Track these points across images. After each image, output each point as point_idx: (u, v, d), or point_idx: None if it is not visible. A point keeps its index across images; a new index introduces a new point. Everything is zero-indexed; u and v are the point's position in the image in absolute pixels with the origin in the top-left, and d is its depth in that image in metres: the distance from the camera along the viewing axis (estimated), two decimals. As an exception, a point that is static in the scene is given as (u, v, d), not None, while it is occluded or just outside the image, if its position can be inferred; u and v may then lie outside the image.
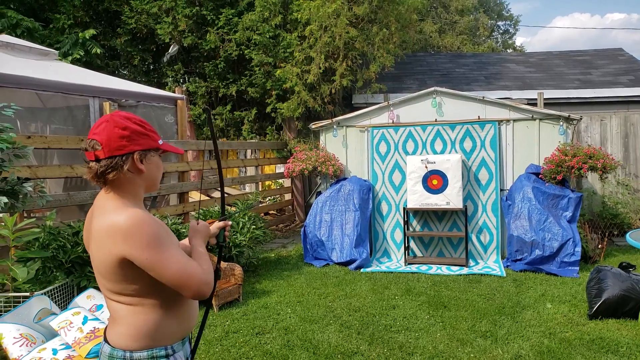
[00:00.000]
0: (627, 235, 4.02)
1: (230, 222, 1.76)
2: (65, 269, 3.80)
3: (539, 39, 43.24)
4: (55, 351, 2.84)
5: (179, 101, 6.45)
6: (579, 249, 5.14)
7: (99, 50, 9.18)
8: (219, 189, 2.04)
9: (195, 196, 7.47)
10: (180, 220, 5.23)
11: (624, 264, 4.06)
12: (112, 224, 1.32)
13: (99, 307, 3.53)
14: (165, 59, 9.91)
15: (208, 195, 8.33)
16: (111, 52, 10.54)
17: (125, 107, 5.62)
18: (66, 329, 3.06)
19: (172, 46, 9.45)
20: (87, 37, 9.02)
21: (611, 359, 3.17)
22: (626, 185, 7.47)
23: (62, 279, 3.78)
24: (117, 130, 1.37)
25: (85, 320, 3.15)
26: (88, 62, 9.09)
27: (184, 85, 9.49)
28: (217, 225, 1.70)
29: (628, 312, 3.77)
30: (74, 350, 2.92)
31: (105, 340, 1.45)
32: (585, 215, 6.65)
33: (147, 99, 6.04)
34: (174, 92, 7.36)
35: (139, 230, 1.30)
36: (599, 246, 5.87)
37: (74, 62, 8.71)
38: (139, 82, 9.50)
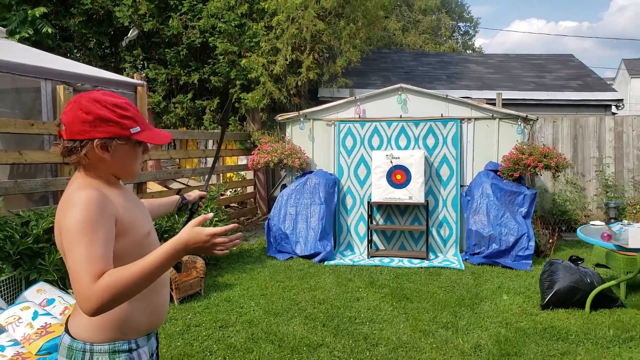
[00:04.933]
0: (578, 230, 4.25)
1: (206, 194, 1.95)
2: (12, 261, 3.55)
3: (497, 41, 45.02)
4: (2, 348, 2.66)
5: (139, 87, 6.17)
6: (532, 243, 5.39)
7: (50, 30, 8.62)
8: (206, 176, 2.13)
9: (153, 187, 7.20)
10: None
11: (573, 257, 4.29)
12: (66, 197, 1.28)
13: (50, 301, 3.33)
14: (123, 44, 9.46)
15: (166, 187, 8.06)
16: (64, 33, 9.93)
17: (81, 91, 5.32)
18: (14, 324, 2.87)
19: (131, 30, 9.03)
20: (38, 15, 8.45)
21: (561, 346, 3.34)
22: (574, 184, 7.91)
23: (9, 272, 3.54)
24: (80, 114, 1.30)
25: (35, 315, 2.97)
26: (38, 42, 8.51)
27: (143, 72, 9.09)
28: (198, 193, 1.90)
29: (576, 302, 3.99)
30: (23, 346, 2.74)
31: (67, 330, 1.35)
32: (537, 212, 6.98)
33: (104, 84, 5.73)
34: (132, 78, 7.03)
35: (81, 206, 1.22)
36: (550, 241, 6.18)
37: (22, 41, 8.13)
38: (94, 66, 9.02)
